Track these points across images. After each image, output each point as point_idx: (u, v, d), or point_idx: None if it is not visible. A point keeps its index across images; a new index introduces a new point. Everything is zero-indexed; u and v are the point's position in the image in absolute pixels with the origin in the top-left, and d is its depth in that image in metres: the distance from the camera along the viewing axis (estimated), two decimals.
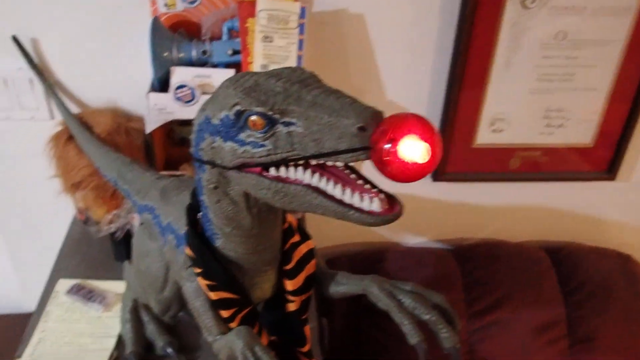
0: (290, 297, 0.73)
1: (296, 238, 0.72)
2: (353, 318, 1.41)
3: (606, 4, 1.22)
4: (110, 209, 1.22)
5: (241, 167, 0.55)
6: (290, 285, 0.72)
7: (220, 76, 1.12)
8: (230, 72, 1.12)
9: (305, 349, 0.74)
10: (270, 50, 1.11)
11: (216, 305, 0.68)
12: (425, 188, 1.47)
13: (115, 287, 1.18)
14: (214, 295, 0.67)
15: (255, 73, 0.55)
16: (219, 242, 0.67)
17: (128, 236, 1.21)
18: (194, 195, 0.70)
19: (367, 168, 0.55)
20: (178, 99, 1.10)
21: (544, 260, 1.49)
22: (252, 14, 1.08)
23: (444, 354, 0.67)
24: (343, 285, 0.74)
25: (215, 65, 1.15)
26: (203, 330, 0.70)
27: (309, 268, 0.73)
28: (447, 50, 1.27)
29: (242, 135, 0.54)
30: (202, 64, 1.14)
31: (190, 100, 1.10)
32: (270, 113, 0.51)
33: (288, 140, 0.51)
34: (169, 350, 1.02)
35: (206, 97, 1.09)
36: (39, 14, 1.18)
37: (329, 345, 1.03)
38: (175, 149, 1.30)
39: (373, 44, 1.26)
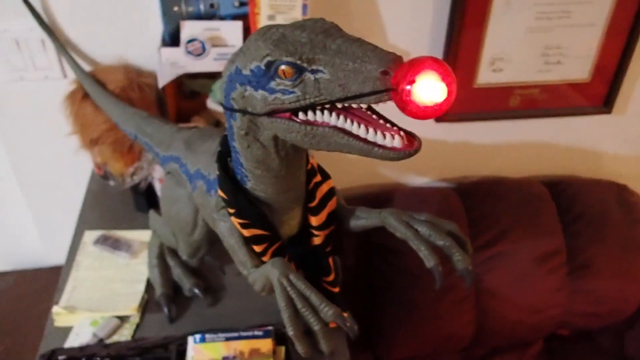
0: (315, 232, 0.79)
1: (318, 178, 0.78)
2: (364, 255, 1.49)
3: None
4: (127, 163, 1.27)
5: (272, 114, 0.60)
6: (314, 220, 0.78)
7: (228, 28, 1.15)
8: (238, 24, 1.15)
9: (330, 278, 0.81)
10: (277, 0, 1.14)
11: (249, 242, 0.74)
12: (428, 129, 1.51)
13: (139, 235, 1.25)
14: (246, 233, 0.73)
15: (281, 26, 0.60)
16: (249, 184, 0.72)
17: (148, 187, 1.27)
18: (225, 141, 0.75)
19: (386, 109, 0.60)
20: (189, 52, 1.13)
21: (543, 193, 1.55)
22: None
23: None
24: (362, 219, 0.80)
25: (222, 18, 1.18)
26: (238, 265, 0.76)
27: (331, 205, 0.79)
28: None
29: (272, 84, 0.58)
30: (210, 16, 1.17)
31: (201, 53, 1.13)
32: (298, 62, 0.56)
33: (315, 87, 0.56)
34: (196, 291, 1.09)
35: (216, 49, 1.14)
36: None
37: (342, 281, 1.10)
38: (185, 102, 1.33)
39: None
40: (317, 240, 0.80)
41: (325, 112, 0.58)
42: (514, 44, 1.38)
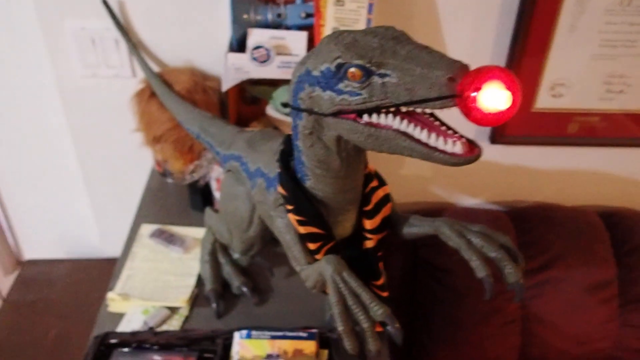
0: (368, 235, 0.81)
1: (374, 183, 0.80)
2: (410, 270, 1.49)
3: None
4: (186, 162, 1.32)
5: (337, 114, 0.63)
6: (368, 224, 0.80)
7: (293, 38, 1.19)
8: (303, 34, 1.19)
9: (380, 282, 0.82)
10: (342, 13, 1.16)
11: (304, 239, 0.76)
12: (483, 150, 1.51)
13: (193, 232, 1.29)
14: (302, 230, 0.75)
15: (353, 31, 0.62)
16: (309, 183, 0.75)
17: (205, 186, 1.31)
18: (288, 141, 0.78)
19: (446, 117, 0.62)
20: (254, 59, 1.17)
21: (597, 223, 1.52)
22: None
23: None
24: (415, 227, 0.82)
25: (288, 28, 1.22)
26: (292, 261, 0.78)
27: (385, 210, 0.81)
28: (511, 15, 1.30)
29: (340, 85, 0.61)
30: (276, 26, 1.21)
31: (265, 60, 1.17)
32: (368, 65, 0.58)
33: (382, 90, 0.58)
34: (244, 289, 1.12)
35: (280, 57, 1.17)
36: None
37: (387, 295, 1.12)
38: (246, 108, 1.37)
39: (438, 8, 1.30)
40: (369, 244, 0.81)
41: (389, 115, 0.60)
42: (576, 70, 1.37)
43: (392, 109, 0.60)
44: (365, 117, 0.61)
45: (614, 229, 1.52)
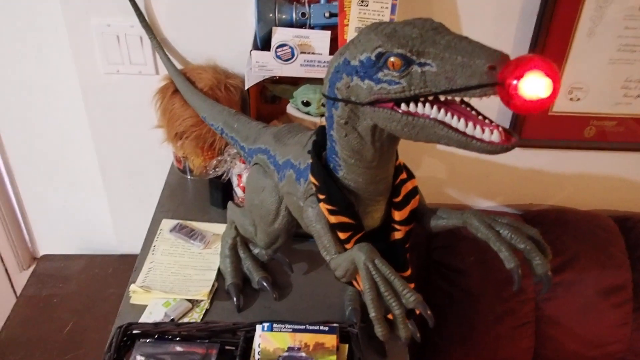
0: (397, 227, 0.82)
1: (404, 175, 0.81)
2: (423, 270, 1.50)
3: None
4: (206, 159, 1.33)
5: (374, 103, 0.64)
6: (397, 215, 0.81)
7: (317, 37, 1.20)
8: (326, 34, 1.20)
9: (407, 273, 0.83)
10: (365, 13, 1.18)
11: (335, 228, 0.77)
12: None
13: (213, 228, 1.30)
14: (333, 219, 0.77)
15: (392, 22, 0.64)
16: (341, 173, 0.76)
17: (226, 182, 1.32)
18: (321, 131, 0.79)
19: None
20: (278, 56, 1.19)
21: (612, 227, 1.52)
22: None
23: None
24: (443, 219, 0.83)
25: (312, 27, 1.23)
26: (322, 251, 0.79)
27: (414, 202, 0.82)
28: (530, 19, 1.31)
29: (380, 74, 0.62)
30: (300, 25, 1.23)
31: (289, 58, 1.19)
32: (408, 54, 0.59)
33: (421, 79, 0.59)
34: (264, 284, 1.13)
35: (304, 56, 1.19)
36: None
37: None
38: (266, 106, 1.39)
39: (459, 10, 1.32)
40: (398, 235, 0.82)
41: (427, 104, 0.61)
42: (594, 74, 1.38)
43: (429, 98, 0.61)
44: (403, 107, 0.62)
45: (629, 233, 1.53)
